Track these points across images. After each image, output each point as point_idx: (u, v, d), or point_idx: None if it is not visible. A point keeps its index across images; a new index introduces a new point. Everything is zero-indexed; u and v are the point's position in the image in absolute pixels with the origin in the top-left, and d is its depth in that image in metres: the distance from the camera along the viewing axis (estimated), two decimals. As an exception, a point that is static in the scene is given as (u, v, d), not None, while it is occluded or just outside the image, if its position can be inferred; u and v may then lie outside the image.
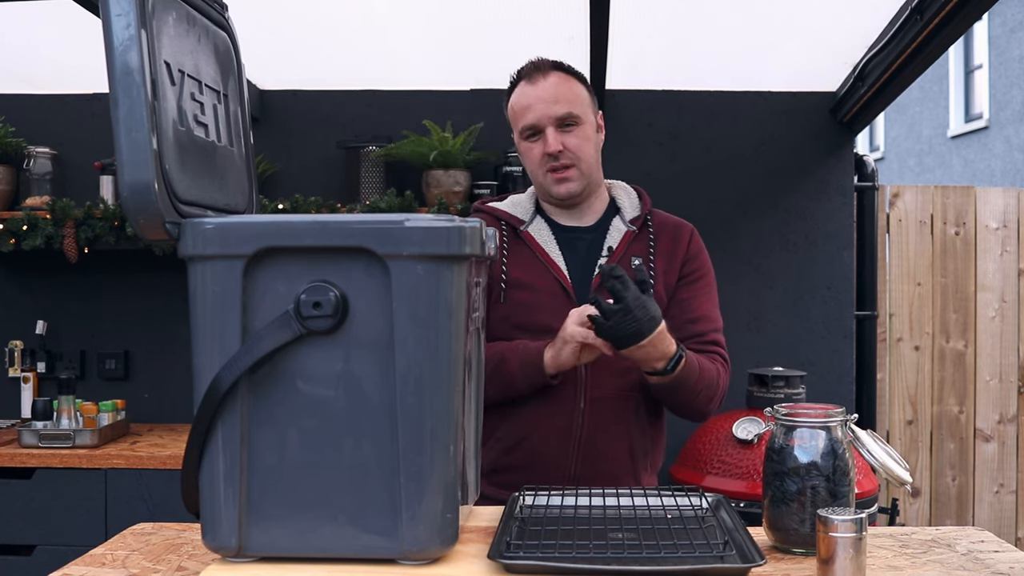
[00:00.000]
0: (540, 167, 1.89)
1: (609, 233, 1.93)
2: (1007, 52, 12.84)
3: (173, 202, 1.17)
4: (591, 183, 1.92)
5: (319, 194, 3.49)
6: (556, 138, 1.85)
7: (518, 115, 1.90)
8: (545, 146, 1.86)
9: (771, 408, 1.37)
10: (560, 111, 1.85)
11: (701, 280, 1.95)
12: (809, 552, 1.30)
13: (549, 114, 1.85)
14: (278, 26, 3.01)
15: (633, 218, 1.95)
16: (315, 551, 1.19)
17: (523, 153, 1.93)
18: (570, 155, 1.86)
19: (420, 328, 1.15)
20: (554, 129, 1.85)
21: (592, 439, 1.83)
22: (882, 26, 2.98)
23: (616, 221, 1.95)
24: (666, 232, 1.95)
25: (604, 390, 1.83)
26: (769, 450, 1.34)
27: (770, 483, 1.33)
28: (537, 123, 1.86)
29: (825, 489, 1.29)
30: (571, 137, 1.86)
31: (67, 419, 3.14)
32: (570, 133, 1.86)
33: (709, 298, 1.95)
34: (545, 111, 1.85)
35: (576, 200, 1.92)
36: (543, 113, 1.85)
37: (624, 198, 2.00)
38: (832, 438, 1.31)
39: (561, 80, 1.88)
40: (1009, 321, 3.87)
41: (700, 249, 1.98)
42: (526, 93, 1.88)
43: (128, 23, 1.12)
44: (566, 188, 1.88)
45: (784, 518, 1.31)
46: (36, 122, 3.66)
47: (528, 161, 1.92)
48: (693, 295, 1.93)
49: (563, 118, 1.85)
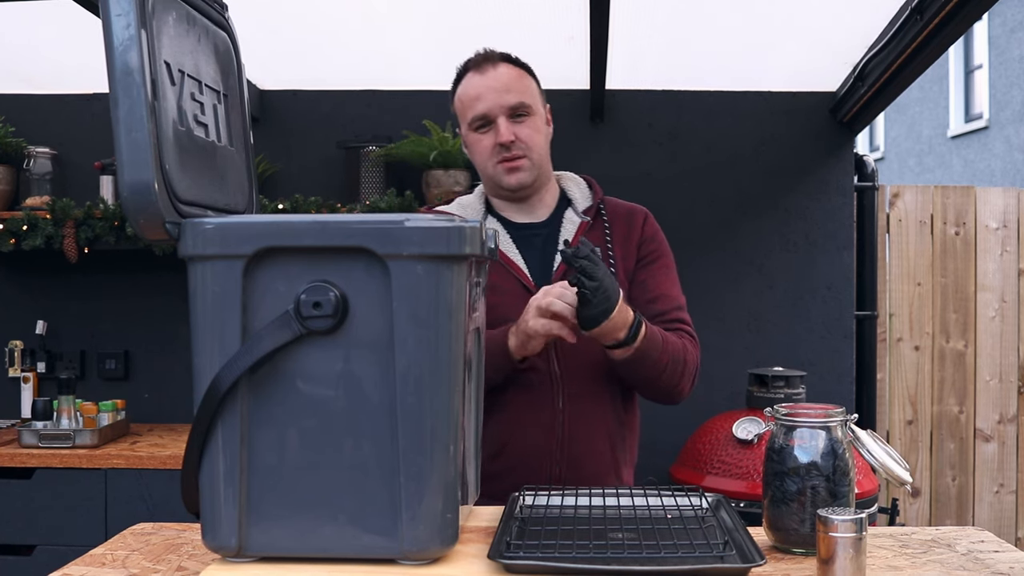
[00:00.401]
0: (491, 158, 1.85)
1: (563, 226, 1.90)
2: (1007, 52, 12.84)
3: (173, 202, 1.17)
4: (542, 175, 1.90)
5: (319, 194, 3.49)
6: (508, 128, 1.82)
7: (467, 106, 1.86)
8: (497, 136, 1.83)
9: (771, 408, 1.37)
10: (512, 100, 1.82)
11: (659, 260, 1.92)
12: (809, 552, 1.30)
13: (501, 103, 1.82)
14: (278, 26, 3.01)
15: (586, 208, 1.93)
16: (315, 551, 1.19)
17: (472, 145, 1.89)
18: (522, 145, 1.84)
19: (420, 328, 1.15)
20: (506, 119, 1.82)
21: (574, 436, 1.81)
22: (882, 26, 2.98)
23: (569, 213, 1.92)
24: (620, 218, 1.93)
25: (580, 385, 1.82)
26: (769, 450, 1.34)
27: (770, 483, 1.33)
28: (488, 113, 1.83)
29: (825, 489, 1.29)
30: (523, 127, 1.84)
31: (67, 419, 3.14)
32: (522, 124, 1.84)
33: (668, 277, 1.92)
34: (497, 100, 1.82)
35: (527, 192, 1.89)
36: (494, 103, 1.82)
37: (574, 189, 1.97)
38: (832, 438, 1.31)
39: (511, 71, 1.86)
40: (1009, 321, 3.87)
41: (655, 231, 1.95)
42: (475, 83, 1.85)
43: (128, 23, 1.12)
44: (517, 178, 1.85)
45: (784, 518, 1.31)
46: (36, 122, 3.66)
47: (477, 153, 1.88)
48: (651, 275, 1.90)
49: (515, 108, 1.82)
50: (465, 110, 1.87)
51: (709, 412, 3.44)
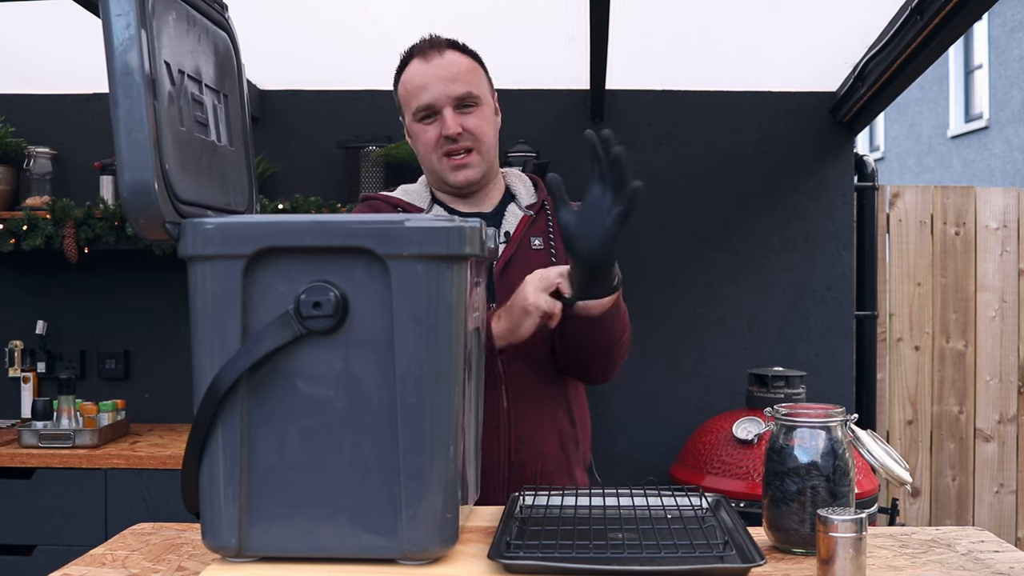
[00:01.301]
0: (435, 151, 1.76)
1: (505, 218, 1.82)
2: (1007, 52, 12.84)
3: (173, 202, 1.17)
4: (490, 169, 1.81)
5: (319, 194, 3.49)
6: (455, 119, 1.72)
7: (411, 95, 1.75)
8: (443, 128, 1.72)
9: (771, 408, 1.37)
10: (459, 90, 1.72)
11: None
12: (809, 552, 1.30)
13: (447, 93, 1.72)
14: (278, 26, 3.01)
15: (529, 204, 1.85)
16: (315, 551, 1.19)
17: (415, 136, 1.79)
18: (470, 137, 1.74)
19: (420, 328, 1.15)
20: (452, 110, 1.72)
21: (521, 437, 1.73)
22: (882, 26, 2.98)
23: (512, 207, 1.84)
24: None
25: (525, 382, 1.73)
26: (769, 450, 1.34)
27: (770, 483, 1.33)
28: (434, 103, 1.72)
29: (825, 489, 1.29)
30: (471, 118, 1.73)
31: (67, 419, 3.14)
32: (470, 114, 1.73)
33: None
34: (443, 90, 1.72)
35: (473, 188, 1.81)
36: (440, 92, 1.72)
37: (519, 185, 1.89)
38: (832, 438, 1.31)
39: (458, 58, 1.75)
40: (1009, 321, 3.87)
41: None
42: (420, 71, 1.74)
43: (128, 23, 1.12)
44: (464, 175, 1.76)
45: (784, 518, 1.31)
46: (36, 122, 3.66)
47: (421, 145, 1.79)
48: None
49: (462, 98, 1.72)
50: (409, 99, 1.76)
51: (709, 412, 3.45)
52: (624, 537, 1.27)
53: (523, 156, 3.38)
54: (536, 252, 1.81)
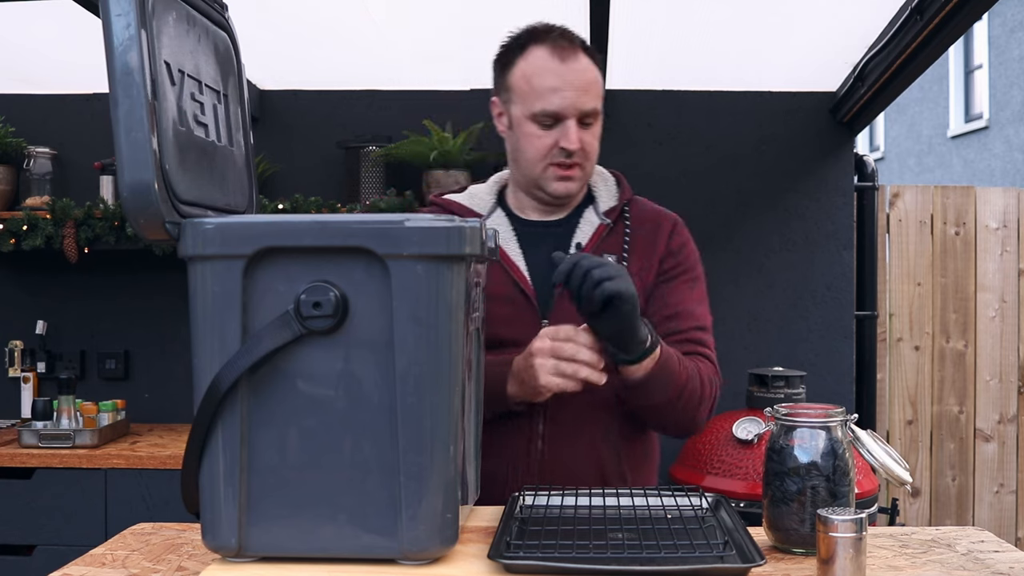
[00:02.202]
0: (544, 159, 1.64)
1: (579, 227, 1.71)
2: (1007, 52, 12.84)
3: (173, 202, 1.17)
4: (585, 184, 1.73)
5: (319, 194, 3.49)
6: (578, 134, 1.62)
7: (537, 92, 1.61)
8: (565, 140, 1.61)
9: (771, 408, 1.37)
10: (589, 105, 1.62)
11: (683, 275, 1.73)
12: (809, 552, 1.30)
13: (578, 106, 1.61)
14: (278, 26, 3.01)
15: (608, 209, 1.73)
16: (315, 551, 1.19)
17: (524, 135, 1.65)
18: (583, 154, 1.65)
19: (420, 328, 1.15)
20: (577, 123, 1.62)
21: (553, 467, 1.62)
22: (882, 26, 2.98)
23: (588, 213, 1.73)
24: (644, 225, 1.73)
25: (568, 407, 1.59)
26: (769, 450, 1.34)
27: (770, 483, 1.33)
28: (563, 112, 1.61)
29: (825, 489, 1.29)
30: (589, 135, 1.64)
31: (67, 419, 3.14)
32: (589, 130, 1.64)
33: (692, 294, 1.73)
34: (575, 101, 1.60)
35: (568, 201, 1.72)
36: (572, 103, 1.60)
37: (601, 186, 1.77)
38: (832, 438, 1.31)
39: (590, 66, 1.64)
40: (1009, 321, 3.87)
41: (684, 243, 1.75)
42: (554, 70, 1.61)
43: (128, 23, 1.12)
44: (566, 188, 1.67)
45: (784, 518, 1.31)
46: (36, 122, 3.66)
47: (529, 147, 1.65)
48: (673, 290, 1.70)
49: (589, 113, 1.63)
50: (532, 95, 1.62)
51: (709, 412, 3.44)
52: (624, 537, 1.27)
53: (523, 156, 3.37)
54: None
